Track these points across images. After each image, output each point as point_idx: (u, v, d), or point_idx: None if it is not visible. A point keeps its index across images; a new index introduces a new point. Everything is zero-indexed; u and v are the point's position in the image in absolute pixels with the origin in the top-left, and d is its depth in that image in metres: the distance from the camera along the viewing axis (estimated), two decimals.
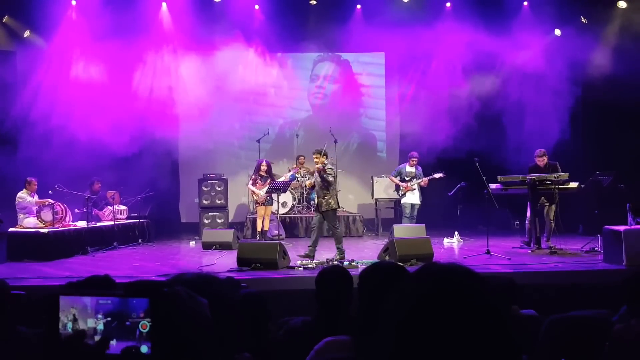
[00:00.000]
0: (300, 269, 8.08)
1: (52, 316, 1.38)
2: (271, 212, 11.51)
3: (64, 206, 10.74)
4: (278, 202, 11.28)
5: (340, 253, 9.07)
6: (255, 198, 11.48)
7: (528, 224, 10.05)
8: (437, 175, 11.61)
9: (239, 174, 14.22)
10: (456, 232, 11.39)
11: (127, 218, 12.24)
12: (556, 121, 12.60)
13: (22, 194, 10.55)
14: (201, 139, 13.89)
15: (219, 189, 13.20)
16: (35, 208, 10.46)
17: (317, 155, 9.32)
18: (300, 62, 15.16)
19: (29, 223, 10.32)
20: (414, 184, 11.59)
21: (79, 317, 1.40)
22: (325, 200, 9.18)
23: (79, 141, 11.86)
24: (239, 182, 13.97)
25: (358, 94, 15.24)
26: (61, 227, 10.36)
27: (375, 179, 13.37)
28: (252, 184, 11.44)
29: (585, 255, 8.96)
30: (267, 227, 11.47)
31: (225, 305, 1.49)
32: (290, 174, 12.53)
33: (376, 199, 13.37)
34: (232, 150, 14.83)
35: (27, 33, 12.80)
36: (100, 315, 1.40)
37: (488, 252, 8.95)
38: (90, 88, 12.95)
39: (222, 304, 1.48)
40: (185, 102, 13.94)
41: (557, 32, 13.32)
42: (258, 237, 11.32)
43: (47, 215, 10.38)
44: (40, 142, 11.85)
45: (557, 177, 9.35)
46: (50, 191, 10.84)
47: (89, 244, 10.45)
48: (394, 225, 11.43)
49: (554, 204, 9.69)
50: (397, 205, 13.03)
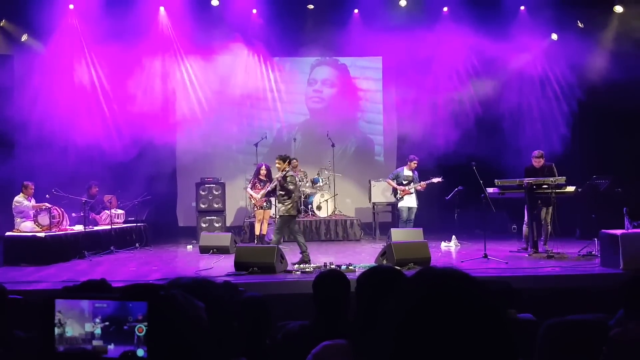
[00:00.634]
0: (297, 272, 8.08)
1: (47, 320, 1.37)
2: (269, 216, 11.50)
3: (61, 210, 10.72)
4: (276, 206, 11.26)
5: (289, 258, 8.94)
6: (254, 202, 11.48)
7: (525, 228, 10.06)
8: (436, 180, 11.57)
9: (237, 178, 14.21)
10: (453, 236, 11.39)
11: (124, 222, 12.22)
12: (553, 125, 12.65)
13: (19, 198, 10.53)
14: (199, 143, 13.91)
15: (217, 193, 13.19)
16: (32, 212, 10.44)
17: (279, 161, 9.40)
18: (298, 66, 15.19)
19: (26, 227, 10.30)
20: (411, 188, 11.57)
21: (77, 321, 1.39)
22: (285, 206, 9.24)
23: (76, 145, 11.87)
24: (236, 186, 13.97)
25: (356, 98, 15.26)
26: (58, 231, 10.34)
27: (372, 183, 13.38)
28: (251, 188, 11.43)
29: (583, 259, 8.96)
30: (265, 231, 11.45)
31: (222, 309, 1.49)
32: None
33: (374, 203, 13.38)
34: (230, 154, 14.82)
35: (24, 37, 12.80)
36: (97, 320, 1.39)
37: (485, 256, 8.95)
38: (87, 92, 12.97)
39: (219, 308, 1.48)
40: (183, 106, 13.96)
41: (554, 36, 13.35)
42: (256, 241, 11.31)
43: (44, 219, 10.36)
44: (37, 146, 11.82)
45: (554, 181, 9.36)
46: (47, 195, 10.82)
47: (86, 248, 10.41)
48: (392, 229, 11.44)
49: (551, 207, 9.70)
50: (394, 209, 13.02)
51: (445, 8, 13.73)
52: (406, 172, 11.70)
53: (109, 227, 11.39)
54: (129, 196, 12.45)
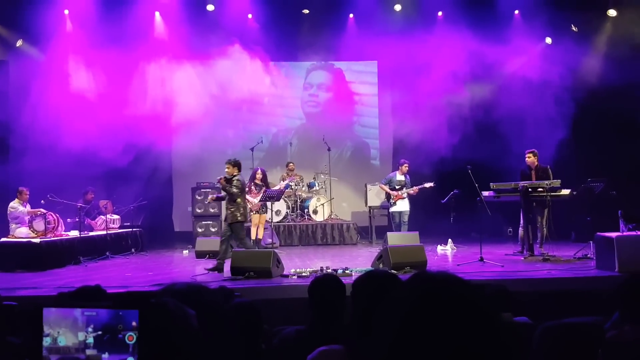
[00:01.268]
0: (294, 277, 8.06)
1: (35, 328, 1.35)
2: (265, 220, 11.50)
3: (56, 216, 10.68)
4: (272, 211, 11.27)
5: None
6: (250, 206, 11.46)
7: (521, 231, 10.08)
8: (428, 185, 11.69)
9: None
10: (449, 240, 11.41)
11: (119, 227, 12.20)
12: (548, 128, 12.64)
13: (14, 204, 10.50)
14: (195, 148, 13.90)
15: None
16: (27, 218, 10.41)
17: (228, 165, 9.37)
18: (294, 70, 15.21)
19: (21, 233, 10.26)
20: (404, 193, 11.64)
21: (70, 330, 1.37)
22: (232, 212, 9.14)
23: (72, 150, 11.82)
24: None
25: (351, 102, 15.29)
26: (53, 237, 10.31)
27: (369, 186, 13.39)
28: (247, 192, 11.42)
29: (578, 261, 8.98)
30: (261, 236, 11.44)
31: (216, 314, 1.48)
32: (285, 182, 12.55)
33: (370, 207, 13.39)
34: (226, 159, 14.68)
35: (19, 42, 12.79)
36: (90, 329, 1.37)
37: (481, 260, 8.97)
38: (82, 97, 12.94)
39: (213, 313, 1.47)
40: (179, 110, 13.92)
41: (548, 40, 13.40)
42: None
43: (40, 225, 10.33)
44: (32, 151, 11.80)
45: (549, 184, 9.39)
46: (42, 201, 10.79)
47: (82, 254, 10.38)
48: (388, 233, 11.44)
49: (546, 210, 9.71)
50: (389, 213, 13.05)
51: (440, 12, 13.78)
52: (398, 176, 11.80)
53: (104, 232, 11.36)
54: (125, 201, 12.43)
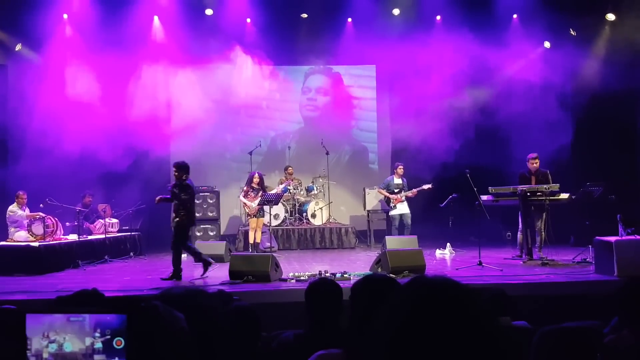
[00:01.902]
0: (292, 281, 8.05)
1: (19, 335, 1.33)
2: (263, 224, 11.50)
3: (55, 219, 10.68)
4: (270, 215, 11.27)
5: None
6: (247, 210, 11.47)
7: (520, 235, 10.08)
8: (426, 187, 11.78)
9: (231, 186, 14.20)
10: (448, 244, 11.41)
11: (118, 231, 12.19)
12: (547, 132, 12.66)
13: (13, 208, 10.50)
14: (193, 151, 13.86)
15: (211, 202, 13.18)
16: (26, 222, 10.41)
17: (176, 168, 8.97)
18: (292, 74, 15.22)
19: (19, 237, 10.26)
20: (403, 196, 11.72)
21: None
22: (179, 216, 8.80)
23: (70, 154, 11.82)
24: (230, 194, 13.95)
25: (349, 106, 15.30)
26: (52, 240, 10.30)
27: (367, 190, 13.39)
28: (243, 196, 11.43)
29: (577, 266, 8.98)
30: (259, 240, 11.44)
31: (214, 319, 1.48)
32: (283, 186, 12.55)
33: (368, 211, 13.38)
34: (224, 163, 14.82)
35: (18, 46, 12.79)
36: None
37: (480, 264, 8.96)
38: (81, 101, 12.93)
39: (210, 317, 1.47)
40: (177, 114, 13.95)
41: (547, 44, 13.42)
42: (250, 250, 11.30)
43: (38, 228, 10.32)
44: (31, 155, 11.80)
45: (548, 188, 9.40)
46: (41, 204, 10.79)
47: (80, 258, 10.37)
48: (386, 236, 11.46)
49: (545, 214, 9.72)
50: (389, 216, 13.05)
51: (439, 17, 13.81)
52: (396, 180, 11.91)
53: (103, 236, 11.36)
54: (124, 205, 12.43)
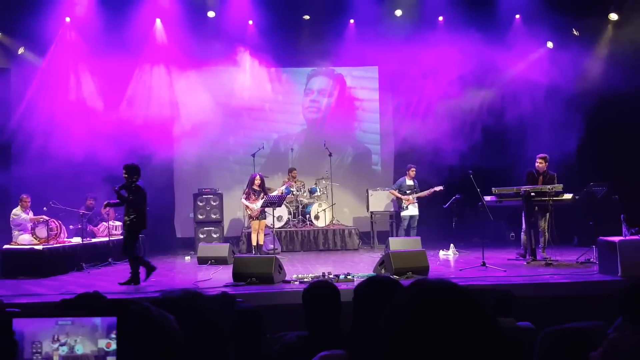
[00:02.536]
0: (296, 283, 8.05)
1: (6, 340, 1.31)
2: (265, 226, 11.50)
3: (59, 223, 10.70)
4: (273, 216, 11.27)
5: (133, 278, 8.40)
6: (249, 212, 11.48)
7: (523, 236, 10.06)
8: (438, 188, 11.94)
9: (234, 189, 14.21)
10: (452, 245, 11.40)
11: (122, 234, 12.17)
12: (550, 133, 12.65)
13: (17, 211, 10.53)
14: (196, 154, 13.94)
15: (214, 204, 13.19)
16: (29, 225, 10.43)
17: (125, 170, 8.52)
18: (294, 76, 15.22)
19: (23, 240, 10.28)
20: (415, 197, 11.83)
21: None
22: (129, 218, 8.51)
23: (74, 157, 11.85)
24: (234, 196, 13.96)
25: (352, 107, 15.30)
26: (56, 243, 10.31)
27: (370, 192, 13.37)
28: (245, 198, 11.44)
29: (581, 266, 8.97)
30: (262, 242, 11.44)
31: (212, 321, 1.48)
32: (285, 187, 12.56)
33: (372, 212, 13.37)
34: (227, 165, 14.83)
35: (21, 50, 12.83)
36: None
37: (484, 265, 8.95)
38: (84, 104, 12.98)
39: (208, 320, 1.46)
40: (181, 117, 13.97)
41: (550, 44, 13.41)
42: (253, 252, 11.31)
43: (42, 231, 10.34)
44: (34, 158, 11.84)
45: (551, 188, 9.39)
46: (44, 208, 10.80)
47: (84, 260, 10.39)
48: (390, 238, 11.48)
49: (548, 214, 9.70)
50: (392, 218, 13.08)
51: (441, 17, 13.79)
52: (408, 181, 12.05)
53: (106, 239, 11.37)
54: None
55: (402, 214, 12.01)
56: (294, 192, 13.22)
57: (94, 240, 11.41)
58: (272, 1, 13.19)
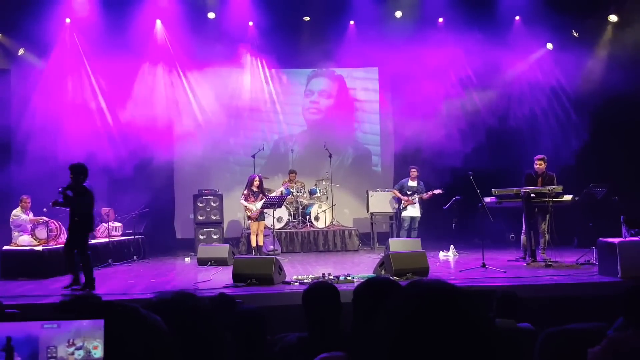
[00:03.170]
0: (296, 284, 8.05)
1: None
2: (265, 227, 11.50)
3: (59, 224, 10.68)
4: (273, 217, 11.27)
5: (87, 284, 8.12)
6: (248, 214, 11.47)
7: (523, 237, 10.05)
8: (437, 192, 11.95)
9: (234, 190, 14.19)
10: (452, 246, 11.39)
11: (121, 235, 12.19)
12: (550, 134, 12.66)
13: (17, 212, 10.52)
14: (196, 155, 13.94)
15: (214, 205, 13.18)
16: (29, 226, 10.42)
17: (71, 171, 8.18)
18: (295, 77, 15.23)
19: (23, 241, 10.27)
20: (414, 198, 11.83)
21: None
22: (73, 220, 8.17)
23: (74, 158, 11.81)
24: (234, 197, 13.94)
25: (352, 108, 15.31)
26: (56, 244, 10.29)
27: (370, 193, 13.36)
28: (244, 200, 11.44)
29: (581, 267, 8.95)
30: (262, 243, 11.44)
31: (206, 322, 1.47)
32: (283, 188, 12.56)
33: (372, 213, 13.36)
34: (227, 166, 14.84)
35: (21, 51, 12.83)
36: None
37: (484, 266, 8.95)
38: (85, 105, 12.98)
39: (201, 321, 1.46)
40: (181, 118, 13.98)
41: (549, 45, 13.41)
42: (253, 253, 11.30)
43: (42, 232, 10.34)
44: (34, 159, 11.82)
45: (551, 190, 9.38)
46: (44, 209, 10.78)
47: None
48: (390, 239, 11.47)
49: (548, 216, 9.69)
50: (392, 219, 13.08)
51: (441, 19, 13.79)
52: (410, 182, 12.09)
53: (106, 240, 11.36)
54: (127, 209, 12.42)
55: (403, 215, 12.03)
56: (294, 193, 13.22)
57: (93, 241, 11.38)
58: (272, 2, 13.18)
